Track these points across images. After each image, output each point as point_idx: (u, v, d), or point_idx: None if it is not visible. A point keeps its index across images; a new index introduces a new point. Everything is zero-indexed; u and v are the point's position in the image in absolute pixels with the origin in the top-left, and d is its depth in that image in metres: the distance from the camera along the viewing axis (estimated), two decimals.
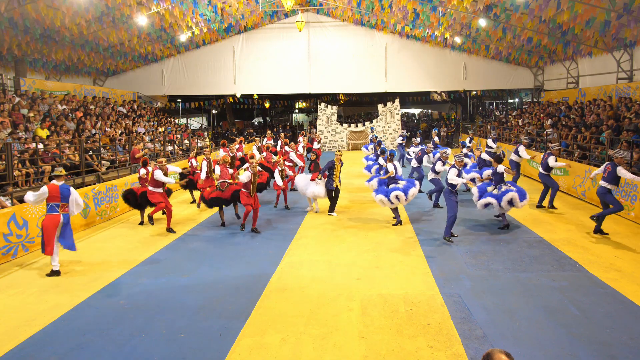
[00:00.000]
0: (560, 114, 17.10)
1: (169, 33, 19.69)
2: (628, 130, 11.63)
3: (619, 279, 6.35)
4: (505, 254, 7.46)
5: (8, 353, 4.72)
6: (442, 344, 4.73)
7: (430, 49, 23.33)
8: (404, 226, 9.34)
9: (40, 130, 12.46)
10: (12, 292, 6.34)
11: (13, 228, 7.75)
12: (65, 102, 16.10)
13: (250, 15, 21.54)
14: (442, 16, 17.70)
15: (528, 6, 14.25)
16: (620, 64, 15.52)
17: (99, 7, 14.55)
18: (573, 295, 5.85)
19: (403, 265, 7.05)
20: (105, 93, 20.26)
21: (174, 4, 16.20)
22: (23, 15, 12.91)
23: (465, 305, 5.63)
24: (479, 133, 23.53)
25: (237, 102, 28.61)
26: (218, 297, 6.00)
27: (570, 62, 19.21)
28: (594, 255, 7.38)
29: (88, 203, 9.77)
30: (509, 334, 4.90)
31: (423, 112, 41.20)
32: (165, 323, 5.30)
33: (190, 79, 23.88)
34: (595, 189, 9.58)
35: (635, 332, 4.91)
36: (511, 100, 30.04)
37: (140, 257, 7.71)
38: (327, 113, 25.68)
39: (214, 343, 4.83)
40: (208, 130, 30.27)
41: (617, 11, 12.34)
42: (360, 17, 22.53)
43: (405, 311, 5.48)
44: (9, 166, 9.30)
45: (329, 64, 23.82)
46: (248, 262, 7.36)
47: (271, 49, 23.75)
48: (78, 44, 16.82)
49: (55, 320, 5.43)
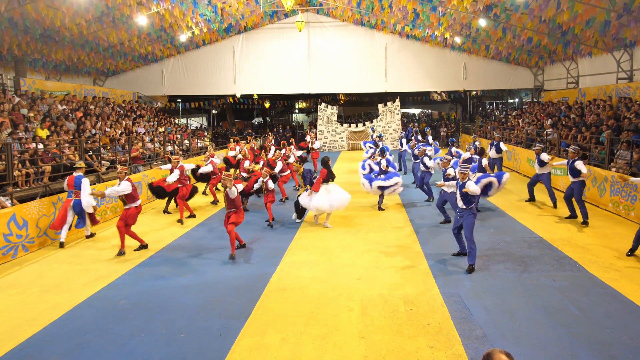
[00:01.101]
0: (560, 114, 17.10)
1: (169, 33, 19.69)
2: (628, 130, 11.62)
3: (619, 279, 6.35)
4: (505, 254, 7.46)
5: (8, 353, 4.72)
6: (442, 344, 4.73)
7: (430, 49, 23.33)
8: (404, 226, 9.34)
9: (40, 130, 12.46)
10: (12, 292, 6.34)
11: (13, 228, 7.75)
12: (65, 102, 16.10)
13: (250, 15, 21.54)
14: (442, 16, 17.70)
15: (528, 6, 14.24)
16: (620, 64, 15.52)
17: (99, 7, 14.54)
18: (573, 295, 5.85)
19: (403, 265, 7.05)
20: (105, 93, 20.25)
21: (174, 4, 16.20)
22: (23, 15, 12.91)
23: (465, 305, 5.63)
24: (479, 133, 23.53)
25: (237, 102, 28.60)
26: (218, 297, 6.00)
27: (570, 62, 19.21)
28: (594, 255, 7.38)
29: None
30: (509, 334, 4.90)
31: (423, 112, 41.20)
32: (165, 323, 5.30)
33: (190, 79, 23.87)
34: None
35: (635, 332, 4.91)
36: (511, 100, 30.04)
37: (141, 257, 7.72)
38: (327, 113, 25.68)
39: (214, 343, 4.83)
40: (208, 130, 30.27)
41: (617, 11, 12.33)
42: (360, 17, 22.53)
43: (405, 311, 5.48)
44: (9, 166, 9.30)
45: (329, 64, 23.82)
46: (248, 262, 7.36)
47: (271, 49, 23.75)
48: (78, 44, 16.82)
49: (55, 320, 5.43)
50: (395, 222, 9.62)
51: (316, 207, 8.92)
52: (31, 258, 7.82)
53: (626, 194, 9.70)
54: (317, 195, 8.97)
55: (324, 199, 8.98)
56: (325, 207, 8.98)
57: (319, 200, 8.94)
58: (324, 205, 8.96)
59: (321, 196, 8.99)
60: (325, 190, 9.07)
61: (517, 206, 10.94)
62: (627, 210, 9.64)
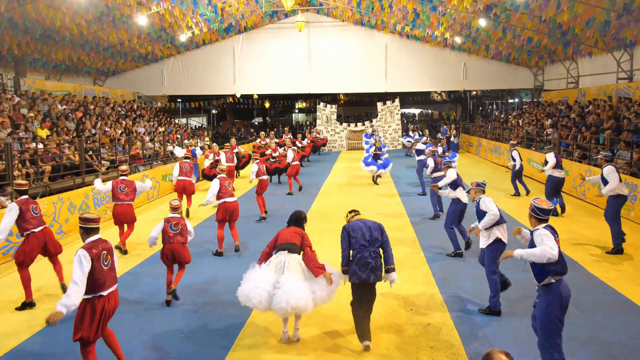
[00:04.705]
0: (560, 114, 17.10)
1: (169, 33, 19.69)
2: (628, 130, 11.62)
3: (619, 279, 6.35)
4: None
5: (8, 353, 4.72)
6: (442, 344, 4.73)
7: (430, 49, 23.32)
8: (404, 226, 9.34)
9: (40, 130, 12.46)
10: (12, 292, 6.34)
11: (13, 228, 7.72)
12: (65, 102, 16.09)
13: (250, 15, 21.55)
14: (442, 16, 17.70)
15: (528, 6, 14.24)
16: (620, 64, 15.52)
17: (99, 7, 14.54)
18: (573, 295, 5.76)
19: (403, 265, 7.03)
20: (105, 93, 20.25)
21: (174, 4, 16.20)
22: (23, 15, 12.91)
23: (465, 305, 5.63)
24: (479, 133, 23.53)
25: (237, 102, 28.61)
26: (218, 297, 5.99)
27: (570, 62, 19.21)
28: (594, 255, 7.38)
29: (88, 203, 9.78)
30: (509, 334, 4.89)
31: (423, 112, 41.21)
32: (166, 323, 5.30)
33: (190, 79, 23.87)
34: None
35: (635, 332, 4.91)
36: (511, 100, 30.05)
37: (141, 257, 7.71)
38: (327, 112, 25.67)
39: (214, 343, 4.83)
40: (208, 130, 30.27)
41: (617, 11, 12.33)
42: (360, 17, 22.53)
43: (405, 311, 5.48)
44: (9, 166, 9.30)
45: (329, 64, 23.81)
46: (248, 262, 7.34)
47: (271, 49, 23.74)
48: (78, 44, 16.82)
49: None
50: (395, 223, 9.62)
51: (245, 294, 4.67)
52: None
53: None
54: (254, 273, 4.82)
55: (261, 283, 4.65)
56: (257, 298, 4.56)
57: (253, 284, 4.68)
58: (256, 296, 4.57)
59: (260, 278, 4.73)
60: (274, 267, 4.79)
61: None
62: (627, 210, 9.64)
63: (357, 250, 4.66)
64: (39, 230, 5.97)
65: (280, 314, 4.57)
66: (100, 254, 3.95)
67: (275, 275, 4.70)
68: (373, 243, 4.69)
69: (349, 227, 4.77)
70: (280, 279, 4.63)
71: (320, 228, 9.38)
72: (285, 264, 4.76)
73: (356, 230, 4.72)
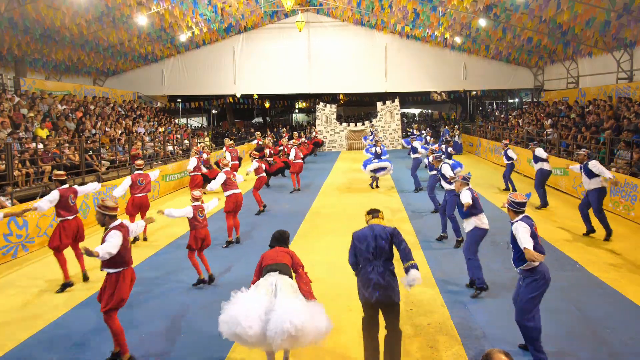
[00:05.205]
0: (560, 114, 17.09)
1: (169, 33, 19.68)
2: (628, 130, 11.62)
3: (619, 279, 6.35)
4: (505, 254, 7.44)
5: (8, 353, 4.72)
6: (442, 344, 4.73)
7: (430, 49, 23.32)
8: (404, 226, 9.34)
9: (40, 130, 12.46)
10: (12, 292, 6.34)
11: (13, 228, 7.75)
12: (65, 102, 16.09)
13: (250, 15, 21.54)
14: (442, 16, 17.69)
15: (528, 6, 14.24)
16: (620, 64, 15.51)
17: (99, 7, 14.54)
18: (573, 295, 5.85)
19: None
20: (105, 93, 20.24)
21: (174, 4, 16.20)
22: (23, 15, 12.91)
23: (465, 305, 5.63)
24: (479, 133, 23.52)
25: (237, 102, 28.60)
26: (218, 297, 5.98)
27: (570, 62, 19.20)
28: (594, 255, 7.38)
29: (88, 203, 9.78)
30: (509, 334, 4.89)
31: (423, 112, 41.21)
32: (166, 323, 5.30)
33: (190, 79, 23.86)
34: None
35: (635, 332, 4.91)
36: (511, 100, 30.04)
37: (141, 257, 7.71)
38: (326, 112, 25.67)
39: (214, 343, 4.83)
40: (208, 130, 30.26)
41: (617, 11, 12.33)
42: (360, 17, 22.52)
43: (405, 311, 5.48)
44: (9, 166, 9.30)
45: (329, 64, 23.80)
46: (248, 261, 7.35)
47: (271, 49, 23.73)
48: (78, 44, 16.82)
49: (55, 320, 5.43)
50: (395, 224, 9.62)
51: (230, 318, 4.06)
52: (31, 258, 7.82)
53: (626, 193, 9.70)
54: (241, 296, 4.20)
55: (252, 304, 4.05)
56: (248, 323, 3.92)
57: (241, 306, 4.07)
58: (246, 320, 3.93)
59: (250, 299, 4.13)
60: (264, 290, 4.18)
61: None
62: (627, 210, 9.64)
63: (362, 264, 4.18)
64: (72, 218, 6.66)
65: (277, 342, 3.78)
66: (126, 234, 4.71)
67: (266, 298, 4.01)
68: (379, 255, 4.08)
69: (356, 235, 4.25)
70: (274, 302, 3.98)
71: (320, 228, 9.39)
72: (277, 285, 4.12)
73: (362, 239, 4.17)
